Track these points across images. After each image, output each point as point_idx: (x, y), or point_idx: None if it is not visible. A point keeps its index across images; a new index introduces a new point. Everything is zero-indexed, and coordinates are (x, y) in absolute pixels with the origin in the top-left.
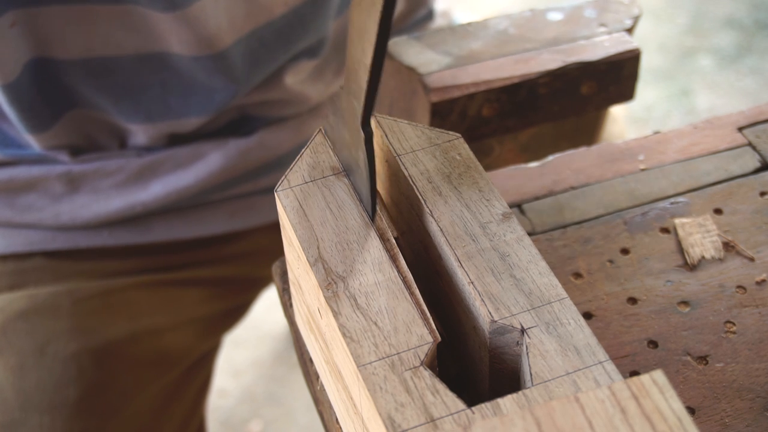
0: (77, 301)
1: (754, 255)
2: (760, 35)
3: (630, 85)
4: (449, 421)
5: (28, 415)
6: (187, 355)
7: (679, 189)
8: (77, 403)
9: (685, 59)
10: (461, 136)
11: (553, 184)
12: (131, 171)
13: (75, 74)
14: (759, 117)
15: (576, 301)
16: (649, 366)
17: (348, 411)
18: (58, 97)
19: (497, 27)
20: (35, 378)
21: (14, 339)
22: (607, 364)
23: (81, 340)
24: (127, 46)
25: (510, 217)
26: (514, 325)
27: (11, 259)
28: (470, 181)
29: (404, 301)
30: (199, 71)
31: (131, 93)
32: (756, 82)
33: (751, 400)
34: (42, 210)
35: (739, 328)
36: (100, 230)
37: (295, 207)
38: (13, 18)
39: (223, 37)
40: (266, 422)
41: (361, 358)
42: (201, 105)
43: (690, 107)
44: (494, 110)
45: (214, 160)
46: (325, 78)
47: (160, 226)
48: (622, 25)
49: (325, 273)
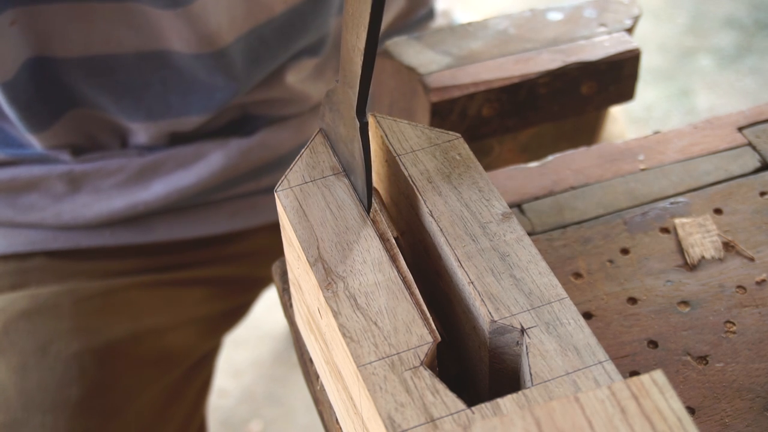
0: (79, 300)
1: (754, 255)
2: (760, 35)
3: (630, 85)
4: (449, 421)
5: (30, 415)
6: (188, 355)
7: (679, 189)
8: (79, 403)
9: (685, 59)
10: (461, 136)
11: (553, 184)
12: (132, 171)
13: (75, 73)
14: (759, 117)
15: (576, 301)
16: (649, 366)
17: (348, 411)
18: (58, 96)
19: (497, 27)
20: (37, 378)
21: (16, 339)
22: (607, 364)
23: (83, 340)
24: (128, 44)
25: (510, 217)
26: (514, 325)
27: (13, 259)
28: (470, 181)
29: (404, 301)
30: (199, 69)
31: (132, 91)
32: (756, 82)
33: (751, 400)
34: (43, 210)
35: (739, 328)
36: (101, 230)
37: (294, 207)
38: (13, 16)
39: (223, 34)
40: (266, 422)
41: (361, 358)
42: (202, 103)
43: (690, 107)
44: (494, 110)
45: (216, 159)
46: (326, 76)
47: (162, 225)
48: (622, 25)
49: (325, 273)
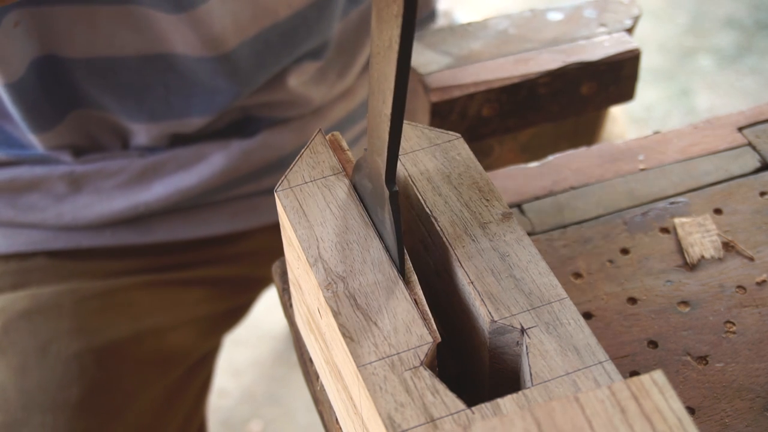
0: (79, 300)
1: (754, 255)
2: (760, 35)
3: (630, 85)
4: (449, 421)
5: (31, 415)
6: (188, 355)
7: (679, 189)
8: (79, 403)
9: (685, 59)
10: (461, 136)
11: (553, 184)
12: (134, 171)
13: (79, 73)
14: (759, 117)
15: (576, 301)
16: (649, 366)
17: (348, 411)
18: (63, 97)
19: (497, 27)
20: (37, 378)
21: (17, 339)
22: (607, 364)
23: (83, 340)
24: (131, 47)
25: (510, 217)
26: (514, 325)
27: (14, 259)
28: (470, 181)
29: (404, 301)
30: (202, 72)
31: (134, 92)
32: (756, 82)
33: (751, 400)
34: (45, 210)
35: (739, 328)
36: (102, 230)
37: (295, 207)
38: (17, 17)
39: (228, 38)
40: (266, 422)
41: (361, 358)
42: (204, 105)
43: (690, 107)
44: (494, 110)
45: (217, 160)
46: (328, 80)
47: (163, 226)
48: (622, 25)
49: (325, 273)
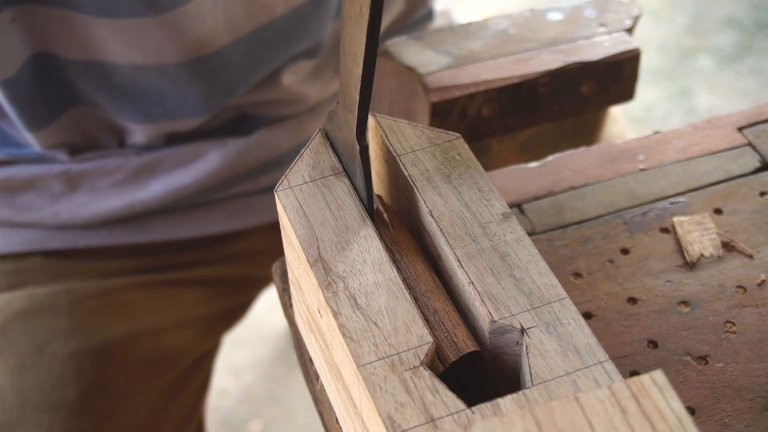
0: (76, 300)
1: (753, 254)
2: (760, 35)
3: (630, 85)
4: (449, 421)
5: (27, 415)
6: (186, 355)
7: (679, 189)
8: (76, 403)
9: (685, 59)
10: (461, 136)
11: (553, 184)
12: (130, 170)
13: (74, 73)
14: (759, 117)
15: (576, 301)
16: (649, 366)
17: (348, 411)
18: (58, 95)
19: (497, 27)
20: (34, 378)
21: (13, 339)
22: (607, 364)
23: (80, 340)
24: (123, 56)
25: (510, 217)
26: (514, 325)
27: (10, 259)
28: (470, 181)
29: (404, 301)
30: (195, 74)
31: (128, 94)
32: (756, 82)
33: (751, 400)
34: (41, 209)
35: (739, 328)
36: (99, 230)
37: (294, 207)
38: (13, 13)
39: (220, 36)
40: (266, 422)
41: (361, 358)
42: (199, 106)
43: (690, 107)
44: (494, 110)
45: (214, 159)
46: (323, 77)
47: (159, 225)
48: (622, 25)
49: (325, 273)
